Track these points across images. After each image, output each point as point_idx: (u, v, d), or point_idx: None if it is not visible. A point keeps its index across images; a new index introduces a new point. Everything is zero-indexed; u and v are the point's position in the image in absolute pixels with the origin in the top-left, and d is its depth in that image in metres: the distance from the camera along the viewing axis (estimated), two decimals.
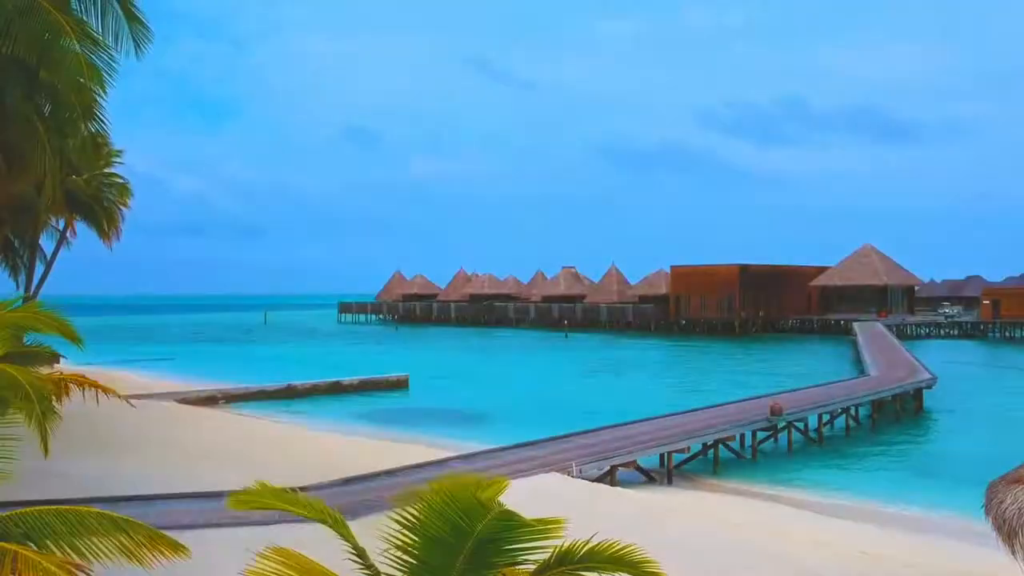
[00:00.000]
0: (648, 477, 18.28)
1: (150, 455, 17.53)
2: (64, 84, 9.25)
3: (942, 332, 78.26)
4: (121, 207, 29.59)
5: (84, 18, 9.89)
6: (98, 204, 27.12)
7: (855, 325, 66.63)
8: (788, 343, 67.31)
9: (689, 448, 18.66)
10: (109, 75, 9.76)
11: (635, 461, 17.27)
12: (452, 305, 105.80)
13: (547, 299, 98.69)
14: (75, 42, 8.87)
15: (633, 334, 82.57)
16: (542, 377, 41.97)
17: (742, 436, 20.78)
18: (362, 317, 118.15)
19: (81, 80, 9.33)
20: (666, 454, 18.03)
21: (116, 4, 10.07)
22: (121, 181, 29.59)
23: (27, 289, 30.24)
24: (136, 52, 10.36)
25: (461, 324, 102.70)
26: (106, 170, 28.24)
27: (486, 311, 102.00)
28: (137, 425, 21.11)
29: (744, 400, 24.31)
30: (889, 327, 69.65)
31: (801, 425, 23.00)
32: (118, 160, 29.75)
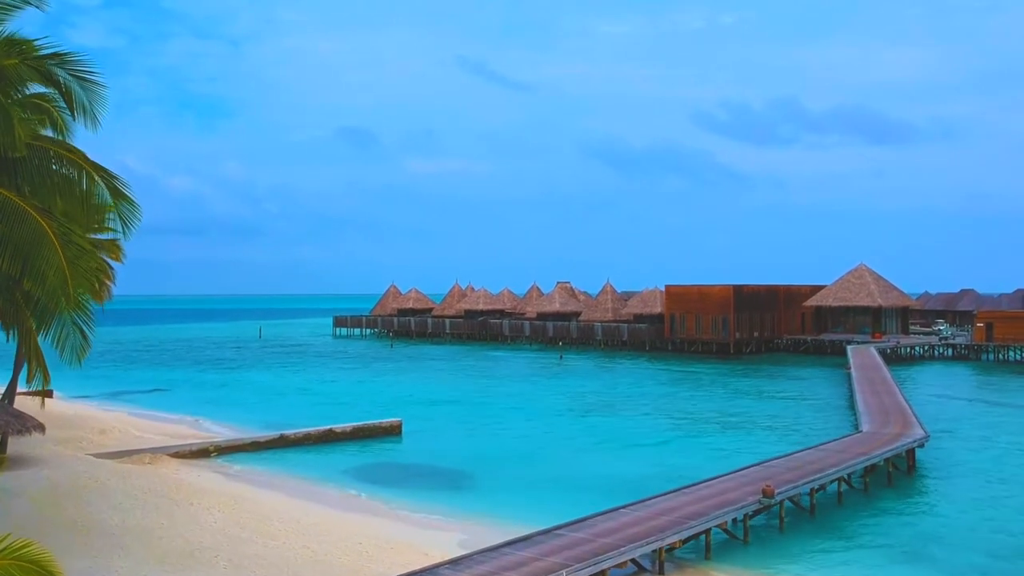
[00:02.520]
0: (639, 567, 18.25)
1: (135, 552, 17.37)
2: (48, 293, 9.13)
3: (936, 353, 78.46)
4: (113, 261, 29.37)
5: (69, 205, 9.80)
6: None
7: (848, 350, 66.69)
8: (782, 369, 67.30)
9: (681, 541, 18.61)
10: (94, 282, 9.64)
11: (628, 561, 17.23)
12: (447, 321, 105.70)
13: (542, 316, 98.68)
14: (59, 251, 8.76)
15: (628, 354, 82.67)
16: (536, 418, 41.87)
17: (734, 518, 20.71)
18: (357, 331, 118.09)
19: (67, 285, 9.23)
20: (659, 549, 17.97)
21: (102, 185, 9.96)
22: (113, 236, 29.35)
23: (19, 344, 30.03)
24: (124, 232, 10.27)
25: (456, 340, 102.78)
26: (99, 230, 27.97)
27: (481, 328, 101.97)
28: (123, 506, 20.96)
29: (738, 472, 24.19)
30: (883, 350, 69.78)
31: (794, 495, 22.95)
32: (110, 215, 29.50)
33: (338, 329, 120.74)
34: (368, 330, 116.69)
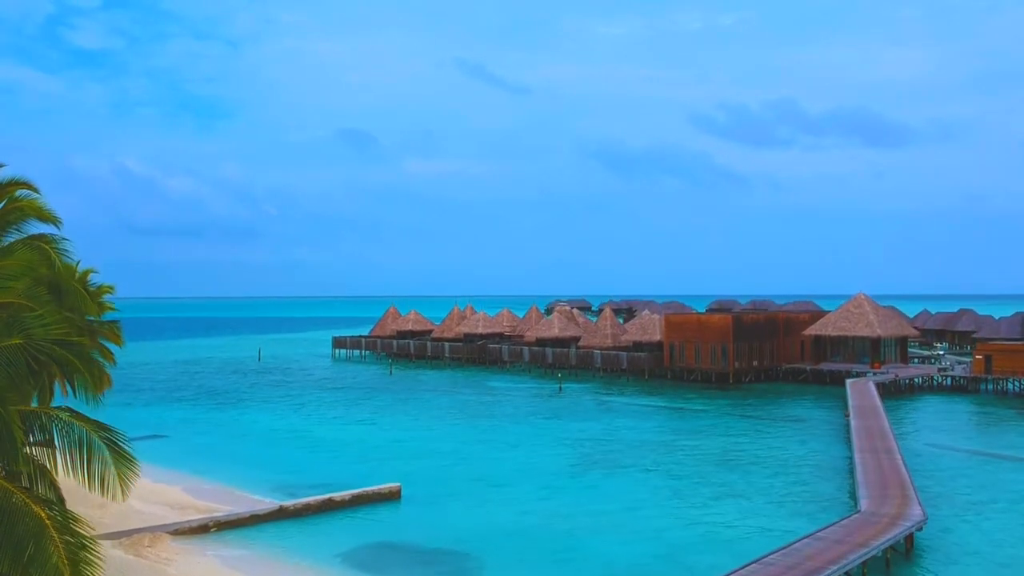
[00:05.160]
0: None
1: None
2: None
3: (935, 383, 78.53)
4: (115, 344, 29.52)
5: (70, 471, 9.83)
6: (88, 361, 26.97)
7: (848, 385, 66.84)
8: (781, 407, 67.38)
9: None
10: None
11: None
12: (446, 345, 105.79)
13: (541, 341, 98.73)
14: (59, 547, 8.75)
15: (627, 383, 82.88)
16: (536, 477, 41.85)
17: None
18: (356, 352, 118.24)
19: None
20: None
21: (103, 447, 10.00)
22: (113, 317, 29.52)
23: None
24: (123, 493, 10.31)
25: (455, 363, 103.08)
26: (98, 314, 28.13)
27: (480, 352, 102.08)
28: None
29: (736, 573, 24.21)
30: (882, 384, 69.92)
31: None
32: (109, 294, 29.68)
33: (337, 351, 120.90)
34: (367, 351, 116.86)
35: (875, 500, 31.99)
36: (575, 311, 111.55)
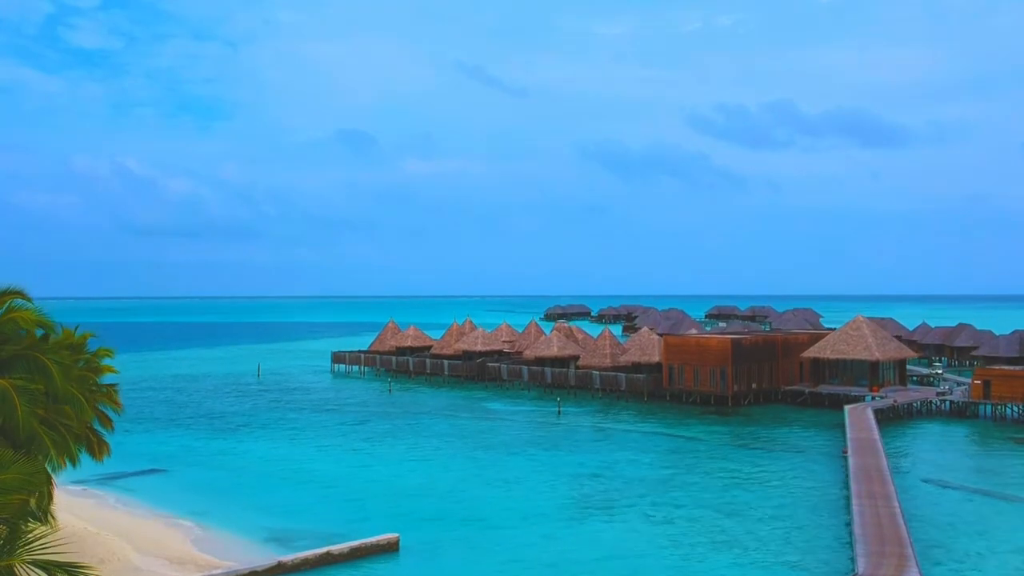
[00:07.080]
0: None
1: None
2: None
3: (933, 407, 78.54)
4: (114, 410, 29.50)
5: None
6: (90, 430, 27.05)
7: (846, 412, 67.02)
8: (778, 434, 67.44)
9: None
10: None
11: None
12: (446, 362, 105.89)
13: (540, 360, 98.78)
14: None
15: (625, 406, 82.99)
16: (535, 521, 41.81)
17: None
18: (355, 368, 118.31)
19: None
20: None
21: None
22: (112, 380, 29.50)
23: None
24: None
25: (455, 380, 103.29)
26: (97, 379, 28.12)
27: (479, 370, 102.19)
28: None
29: None
30: (880, 411, 70.03)
31: None
32: (108, 357, 29.68)
33: (336, 366, 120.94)
34: (367, 367, 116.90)
35: (873, 560, 31.98)
36: (574, 328, 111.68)
